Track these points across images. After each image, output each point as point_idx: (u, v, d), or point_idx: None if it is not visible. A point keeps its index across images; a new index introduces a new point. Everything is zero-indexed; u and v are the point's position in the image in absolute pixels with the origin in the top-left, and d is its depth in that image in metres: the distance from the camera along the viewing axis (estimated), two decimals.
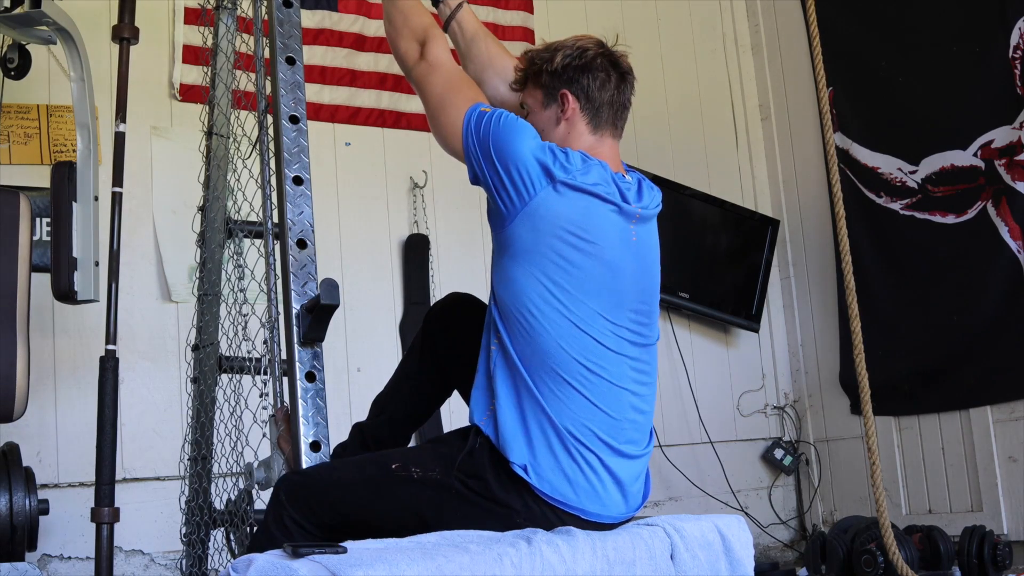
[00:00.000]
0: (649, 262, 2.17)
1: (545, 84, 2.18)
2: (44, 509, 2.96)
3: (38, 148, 3.76)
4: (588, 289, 2.04)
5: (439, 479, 2.03)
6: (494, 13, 4.72)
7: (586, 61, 2.16)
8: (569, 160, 2.05)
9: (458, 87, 2.20)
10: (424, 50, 2.28)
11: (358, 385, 3.95)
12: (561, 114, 2.16)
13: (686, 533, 2.04)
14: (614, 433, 2.06)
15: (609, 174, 2.10)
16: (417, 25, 2.32)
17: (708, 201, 4.86)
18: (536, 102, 2.20)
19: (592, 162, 2.08)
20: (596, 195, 2.05)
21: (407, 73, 2.33)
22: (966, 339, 4.26)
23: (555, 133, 2.16)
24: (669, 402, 4.73)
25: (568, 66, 2.15)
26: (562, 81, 2.16)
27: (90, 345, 3.60)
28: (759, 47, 5.27)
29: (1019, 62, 4.10)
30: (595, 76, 2.15)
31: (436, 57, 2.26)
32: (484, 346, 2.13)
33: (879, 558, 3.74)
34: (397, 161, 4.34)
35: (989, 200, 4.20)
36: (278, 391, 2.44)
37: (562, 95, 2.16)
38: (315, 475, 2.14)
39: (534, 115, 2.20)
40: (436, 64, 2.25)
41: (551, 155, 2.04)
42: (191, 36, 3.95)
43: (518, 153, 2.03)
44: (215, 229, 3.11)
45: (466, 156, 2.12)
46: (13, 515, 2.88)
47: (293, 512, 2.07)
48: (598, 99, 2.16)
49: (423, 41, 2.29)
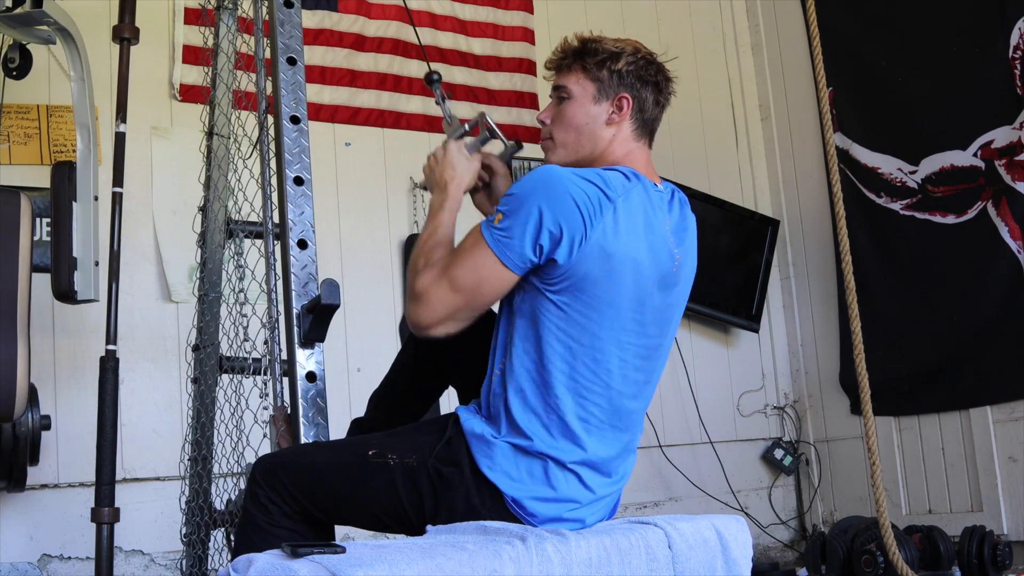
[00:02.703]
0: (675, 303, 2.19)
1: (602, 79, 2.14)
2: (46, 424, 3.00)
3: (38, 148, 3.76)
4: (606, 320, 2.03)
5: (415, 465, 2.02)
6: (494, 13, 4.73)
7: (651, 74, 2.16)
8: (607, 183, 2.00)
9: (459, 261, 2.05)
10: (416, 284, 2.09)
11: (358, 385, 3.95)
12: (614, 115, 2.14)
13: (683, 532, 2.04)
14: (603, 460, 2.06)
15: (647, 187, 2.09)
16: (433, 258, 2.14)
17: (708, 201, 4.86)
18: (585, 92, 2.15)
19: (635, 181, 2.06)
20: (639, 214, 2.04)
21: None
22: (966, 339, 4.27)
23: (602, 131, 2.14)
24: (669, 402, 4.73)
25: (631, 72, 2.14)
26: (624, 85, 2.14)
27: (90, 345, 3.60)
28: (759, 47, 5.27)
29: (1019, 62, 4.11)
30: (652, 90, 2.17)
31: (424, 281, 2.07)
32: (493, 353, 2.10)
33: (879, 558, 3.74)
34: (397, 161, 4.35)
35: (989, 200, 4.20)
36: (278, 391, 2.44)
37: (621, 98, 2.14)
38: (292, 457, 2.13)
39: (577, 104, 2.15)
40: (430, 282, 2.06)
41: (586, 185, 1.98)
42: (191, 36, 3.95)
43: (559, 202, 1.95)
44: (215, 229, 3.11)
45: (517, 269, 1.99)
46: (16, 427, 2.92)
47: (269, 491, 2.06)
48: (649, 113, 2.18)
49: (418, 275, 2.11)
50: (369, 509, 2.07)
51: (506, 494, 1.99)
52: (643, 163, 2.17)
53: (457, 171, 2.23)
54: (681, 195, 2.23)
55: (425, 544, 1.87)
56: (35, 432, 2.99)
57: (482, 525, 1.96)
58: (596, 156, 2.16)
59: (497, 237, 1.98)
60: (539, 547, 1.85)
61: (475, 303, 2.03)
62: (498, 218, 1.99)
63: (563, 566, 1.86)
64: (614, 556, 1.93)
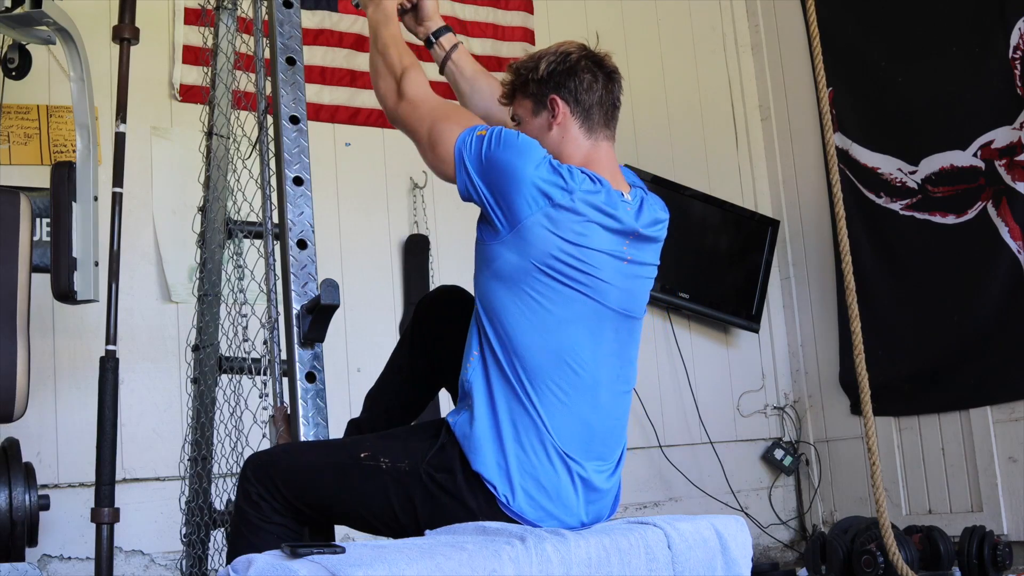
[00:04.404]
0: (639, 284, 2.16)
1: (533, 93, 2.17)
2: (44, 505, 2.96)
3: (38, 148, 3.76)
4: (570, 315, 2.04)
5: (407, 471, 2.03)
6: (494, 13, 4.73)
7: (570, 65, 2.15)
8: (573, 179, 2.02)
9: (447, 116, 2.16)
10: (401, 88, 2.23)
11: (358, 385, 3.94)
12: (552, 119, 2.15)
13: (682, 532, 2.04)
14: (586, 448, 2.06)
15: (613, 197, 2.08)
16: (394, 62, 2.27)
17: (708, 201, 4.86)
18: (526, 111, 2.19)
19: (599, 186, 2.06)
20: (594, 221, 2.04)
21: (390, 116, 2.27)
22: (966, 339, 4.26)
23: (548, 139, 2.15)
24: (669, 402, 4.73)
25: (553, 72, 2.15)
26: (549, 87, 2.15)
27: (90, 345, 3.60)
28: (759, 47, 5.27)
29: (1019, 62, 4.10)
30: (581, 79, 2.15)
31: (415, 93, 2.21)
32: (467, 348, 2.13)
33: (879, 558, 3.74)
34: (397, 161, 4.35)
35: (989, 200, 4.20)
36: (278, 391, 2.44)
37: (551, 100, 2.15)
38: (283, 456, 2.14)
39: (525, 125, 2.19)
40: (417, 100, 2.20)
41: (554, 176, 2.01)
42: (191, 36, 3.95)
43: (517, 174, 2.00)
44: (215, 229, 3.11)
45: (457, 176, 2.08)
46: (13, 511, 2.88)
47: (260, 488, 2.07)
48: (587, 101, 2.15)
49: (400, 78, 2.24)
50: (359, 511, 2.08)
51: (498, 494, 1.99)
52: (606, 166, 2.15)
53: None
54: (650, 202, 2.20)
55: (425, 544, 1.87)
56: (32, 513, 2.89)
57: (481, 526, 1.96)
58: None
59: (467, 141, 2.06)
60: (538, 547, 1.85)
61: (426, 138, 2.15)
62: (481, 132, 2.06)
63: (563, 566, 1.86)
64: (614, 556, 1.94)
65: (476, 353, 2.09)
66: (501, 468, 2.00)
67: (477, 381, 2.06)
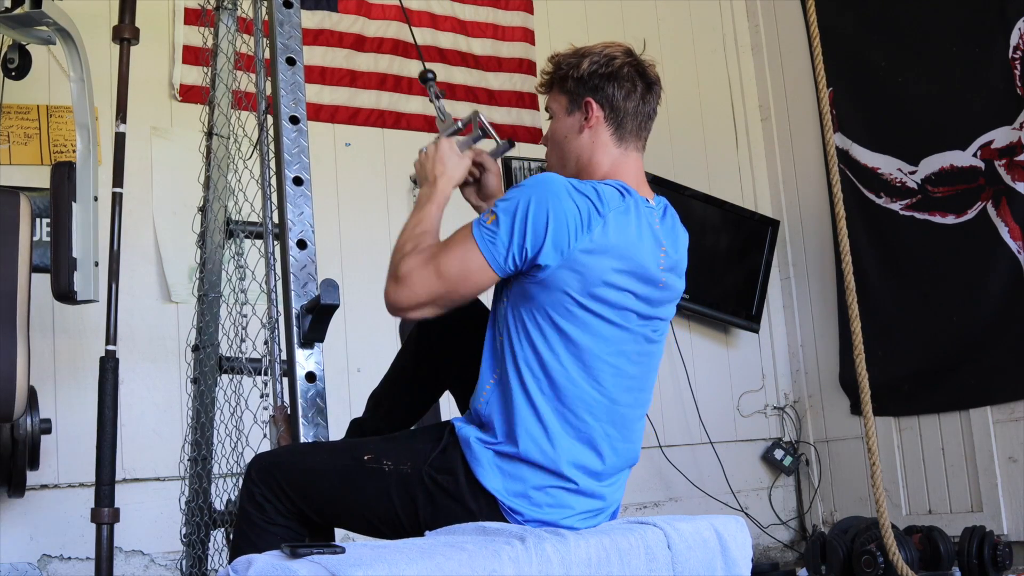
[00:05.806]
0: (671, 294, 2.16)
1: (570, 90, 2.14)
2: (46, 428, 2.98)
3: (38, 148, 3.76)
4: (603, 345, 2.03)
5: (409, 472, 2.02)
6: (494, 13, 4.73)
7: (613, 69, 2.12)
8: (603, 201, 1.99)
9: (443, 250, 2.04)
10: (395, 271, 2.07)
11: (358, 385, 3.95)
12: (584, 122, 2.13)
13: (682, 532, 2.04)
14: (598, 474, 2.06)
15: (640, 204, 2.07)
16: (402, 244, 2.11)
17: (708, 201, 4.86)
18: (560, 107, 2.17)
19: (627, 201, 2.04)
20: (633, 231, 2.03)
21: (391, 309, 2.09)
22: (966, 339, 4.27)
23: (578, 140, 2.14)
24: (669, 402, 4.73)
25: (594, 73, 2.12)
26: (587, 88, 2.12)
27: (90, 345, 3.60)
28: (759, 47, 5.27)
29: (1019, 62, 4.11)
30: (621, 85, 2.12)
31: (404, 268, 2.05)
32: (482, 375, 2.10)
33: (879, 558, 3.74)
34: (397, 161, 4.35)
35: (989, 200, 4.20)
36: (278, 391, 2.44)
37: (586, 103, 2.12)
38: (287, 458, 2.14)
39: (557, 120, 2.17)
40: (407, 271, 2.04)
41: (586, 210, 1.97)
42: (191, 36, 3.95)
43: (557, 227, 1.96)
44: (215, 229, 3.11)
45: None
46: (15, 431, 2.90)
47: (264, 490, 2.07)
48: (623, 109, 2.13)
49: (396, 263, 2.09)
50: (362, 513, 2.07)
51: (502, 502, 1.99)
52: (632, 175, 2.14)
53: (447, 167, 2.24)
54: (672, 211, 2.20)
55: (425, 544, 1.87)
56: (35, 436, 2.95)
57: (481, 526, 1.96)
58: (583, 168, 2.15)
59: (486, 237, 1.99)
60: (538, 547, 1.85)
61: (455, 294, 2.04)
62: (491, 219, 2.00)
63: (562, 566, 1.86)
64: (613, 556, 1.94)
65: (493, 380, 2.07)
66: (505, 478, 2.00)
67: (495, 411, 2.04)
